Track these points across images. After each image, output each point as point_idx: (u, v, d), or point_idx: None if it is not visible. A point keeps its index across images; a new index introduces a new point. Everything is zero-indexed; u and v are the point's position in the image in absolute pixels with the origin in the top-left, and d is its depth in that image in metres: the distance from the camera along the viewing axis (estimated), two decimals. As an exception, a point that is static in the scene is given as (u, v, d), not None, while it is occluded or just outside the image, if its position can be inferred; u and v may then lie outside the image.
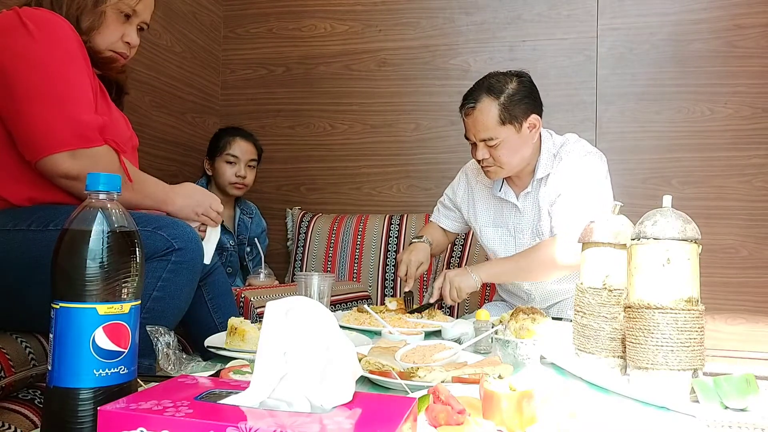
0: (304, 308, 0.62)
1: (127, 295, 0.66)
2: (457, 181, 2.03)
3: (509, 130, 1.68)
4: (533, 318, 1.37)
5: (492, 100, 1.67)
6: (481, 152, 1.72)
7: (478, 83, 1.74)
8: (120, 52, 1.30)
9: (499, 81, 1.70)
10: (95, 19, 1.23)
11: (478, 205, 1.94)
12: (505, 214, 1.88)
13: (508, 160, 1.71)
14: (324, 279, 1.51)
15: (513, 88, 1.68)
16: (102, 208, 0.66)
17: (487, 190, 1.93)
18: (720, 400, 0.84)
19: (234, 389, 0.62)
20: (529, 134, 1.71)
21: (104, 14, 1.24)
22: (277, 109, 2.85)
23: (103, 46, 1.26)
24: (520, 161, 1.74)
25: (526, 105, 1.69)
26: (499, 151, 1.69)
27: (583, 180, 1.70)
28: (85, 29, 1.21)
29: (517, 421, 0.70)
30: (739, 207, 2.38)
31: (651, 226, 0.94)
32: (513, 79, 1.71)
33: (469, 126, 1.72)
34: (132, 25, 1.30)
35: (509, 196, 1.85)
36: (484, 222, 1.93)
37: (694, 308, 0.92)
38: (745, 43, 2.39)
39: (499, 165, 1.72)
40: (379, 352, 1.10)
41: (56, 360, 0.64)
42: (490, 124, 1.67)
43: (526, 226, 1.83)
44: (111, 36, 1.27)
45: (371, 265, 2.48)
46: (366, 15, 2.76)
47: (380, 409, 0.60)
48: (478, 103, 1.68)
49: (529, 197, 1.82)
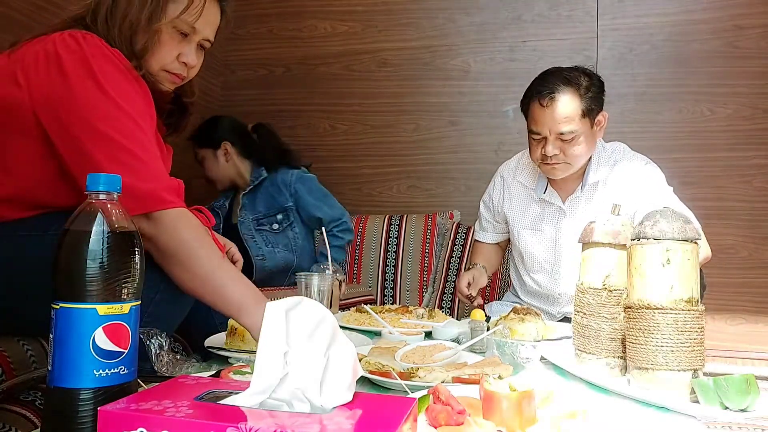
0: (304, 308, 0.62)
1: (127, 296, 0.66)
2: (492, 186, 1.98)
3: (586, 124, 1.63)
4: (522, 318, 1.38)
5: (573, 90, 1.62)
6: (553, 148, 1.64)
7: (548, 74, 1.67)
8: (175, 73, 1.15)
9: (571, 72, 1.65)
10: (149, 39, 1.08)
11: (515, 205, 1.88)
12: (547, 218, 1.82)
13: (580, 156, 1.66)
14: (324, 279, 1.51)
15: (588, 82, 1.64)
16: (102, 209, 0.66)
17: (527, 191, 1.87)
18: (720, 400, 0.84)
19: (234, 389, 0.63)
20: (597, 131, 1.69)
21: (159, 33, 1.10)
22: (277, 109, 2.85)
23: (156, 67, 1.12)
24: (586, 158, 1.70)
25: (600, 100, 1.66)
26: (573, 146, 1.64)
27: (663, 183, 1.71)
28: (138, 51, 1.08)
29: (517, 422, 0.70)
30: (739, 207, 2.38)
31: (651, 227, 0.94)
32: (584, 74, 1.66)
33: (544, 117, 1.63)
34: (191, 43, 1.15)
35: (555, 200, 1.80)
36: (521, 224, 1.87)
37: (694, 308, 0.92)
38: (745, 44, 2.39)
39: (568, 162, 1.66)
40: (379, 352, 1.10)
41: (56, 360, 0.64)
42: (573, 116, 1.61)
43: (571, 231, 1.76)
44: (166, 56, 1.12)
45: (371, 265, 2.48)
46: (366, 15, 2.77)
47: (380, 409, 0.60)
48: (558, 93, 1.61)
49: (578, 202, 1.77)
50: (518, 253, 1.94)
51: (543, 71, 1.72)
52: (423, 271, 2.44)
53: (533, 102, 1.66)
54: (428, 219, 2.53)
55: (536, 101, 1.65)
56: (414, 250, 2.47)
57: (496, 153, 1.85)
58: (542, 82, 1.66)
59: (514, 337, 1.33)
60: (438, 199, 2.67)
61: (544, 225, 1.83)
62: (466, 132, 2.65)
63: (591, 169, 1.74)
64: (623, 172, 1.73)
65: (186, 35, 1.14)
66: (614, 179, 1.74)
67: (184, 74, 1.18)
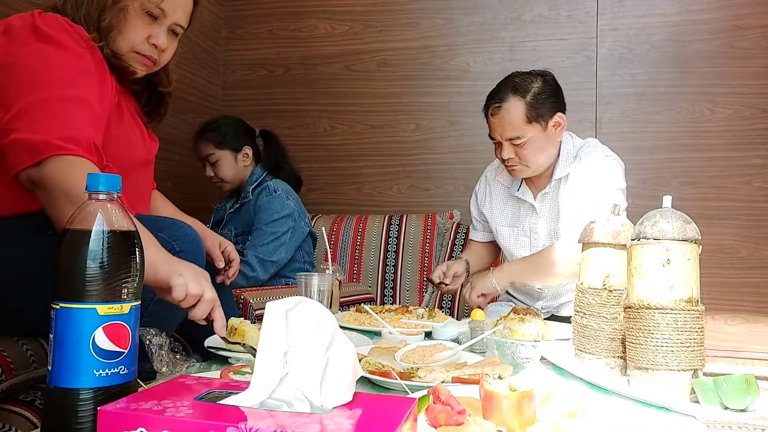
0: (304, 308, 0.62)
1: (127, 296, 0.66)
2: (478, 185, 2.03)
3: (535, 128, 1.69)
4: (522, 318, 1.38)
5: (518, 99, 1.68)
6: (507, 151, 1.72)
7: (502, 83, 1.74)
8: (146, 55, 1.18)
9: (524, 80, 1.71)
10: (115, 17, 1.12)
11: (495, 204, 1.95)
12: (522, 215, 1.88)
13: (534, 158, 1.72)
14: (324, 279, 1.51)
15: (538, 87, 1.70)
16: (102, 209, 0.66)
17: (505, 190, 1.93)
18: (720, 400, 0.84)
19: (234, 389, 0.62)
20: (554, 132, 1.73)
21: (125, 11, 1.13)
22: (277, 109, 2.85)
23: (126, 47, 1.16)
24: (546, 160, 1.75)
25: (552, 103, 1.70)
26: (525, 150, 1.70)
27: (599, 181, 1.70)
28: (104, 28, 1.12)
29: (517, 422, 0.70)
30: (739, 207, 2.38)
31: (651, 227, 0.94)
32: (537, 78, 1.72)
33: (494, 125, 1.72)
34: (161, 26, 1.19)
35: (527, 197, 1.85)
36: (500, 222, 1.93)
37: (694, 308, 0.92)
38: (745, 44, 2.39)
39: (525, 164, 1.73)
40: (379, 352, 1.10)
41: (56, 360, 0.64)
42: (517, 123, 1.68)
43: (542, 228, 1.83)
44: (134, 36, 1.16)
45: (371, 265, 2.48)
46: (366, 15, 2.77)
47: (380, 409, 0.60)
48: (504, 102, 1.69)
49: (546, 198, 1.82)
50: (502, 251, 2.00)
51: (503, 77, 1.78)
52: (423, 271, 2.44)
53: (487, 110, 1.75)
54: (428, 219, 2.53)
55: (487, 110, 1.74)
56: (414, 250, 2.47)
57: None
58: (494, 91, 1.74)
59: (514, 337, 1.33)
60: (438, 199, 2.67)
61: (519, 222, 1.89)
62: (465, 132, 2.65)
63: (558, 165, 1.79)
64: (581, 165, 1.76)
65: (155, 18, 1.17)
66: (573, 175, 1.77)
67: (155, 56, 1.20)
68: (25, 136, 0.96)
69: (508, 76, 1.76)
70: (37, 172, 0.96)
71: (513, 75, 1.75)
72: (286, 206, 2.16)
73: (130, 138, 1.22)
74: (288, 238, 2.15)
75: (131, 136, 1.22)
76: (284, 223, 2.15)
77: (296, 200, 2.22)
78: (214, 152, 2.23)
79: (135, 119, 1.26)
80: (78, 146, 0.98)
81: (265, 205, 2.16)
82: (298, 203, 2.22)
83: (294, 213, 2.17)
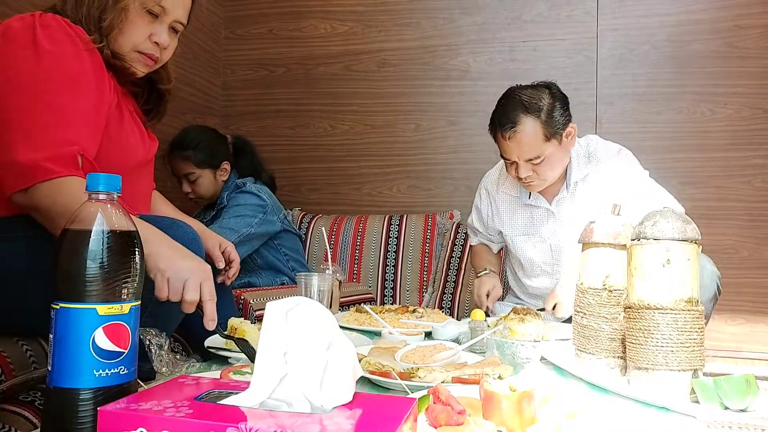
0: (304, 309, 0.62)
1: (127, 296, 0.66)
2: (478, 199, 2.01)
3: (553, 144, 1.67)
4: (522, 318, 1.38)
5: (533, 119, 1.64)
6: (524, 170, 1.69)
7: (508, 102, 1.69)
8: (148, 53, 1.18)
9: (531, 97, 1.66)
10: (116, 16, 1.12)
11: (504, 215, 1.92)
12: (537, 221, 1.86)
13: (553, 172, 1.72)
14: (324, 279, 1.51)
15: (549, 103, 1.66)
16: (102, 209, 0.66)
17: (513, 199, 1.91)
18: (720, 401, 0.84)
19: (234, 389, 0.62)
20: (568, 142, 1.72)
21: (126, 11, 1.13)
22: (277, 109, 2.85)
23: (127, 47, 1.16)
24: (561, 169, 1.75)
25: (564, 116, 1.68)
26: (544, 167, 1.69)
27: (640, 171, 1.76)
28: (105, 28, 1.11)
29: (517, 422, 0.70)
30: (739, 207, 2.38)
31: (651, 227, 0.94)
32: (545, 92, 1.68)
33: (510, 148, 1.68)
34: (162, 24, 1.19)
35: (540, 203, 1.83)
36: (514, 231, 1.90)
37: (694, 308, 0.92)
38: (745, 44, 2.39)
39: (543, 179, 1.72)
40: (379, 352, 1.10)
41: (56, 360, 0.64)
42: (535, 144, 1.65)
43: (564, 232, 1.80)
44: (136, 35, 1.15)
45: (371, 265, 2.48)
46: (366, 16, 2.77)
47: (380, 409, 0.60)
48: (518, 124, 1.64)
49: (564, 202, 1.81)
50: (517, 261, 1.95)
51: (504, 94, 1.74)
52: (423, 271, 2.44)
53: (497, 133, 1.70)
54: (428, 219, 2.53)
55: (499, 134, 1.69)
56: (414, 250, 2.47)
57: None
58: (503, 112, 1.68)
59: (514, 337, 1.33)
60: (438, 199, 2.67)
61: (534, 228, 1.87)
62: (465, 132, 2.64)
63: (572, 168, 1.78)
64: (603, 170, 1.77)
65: (156, 16, 1.17)
66: (594, 177, 1.77)
67: (157, 55, 1.20)
68: (12, 159, 0.97)
69: (511, 94, 1.70)
70: (25, 198, 0.99)
71: (516, 91, 1.70)
72: (259, 198, 2.13)
73: (130, 139, 1.22)
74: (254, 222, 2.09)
75: (131, 137, 1.22)
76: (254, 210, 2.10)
77: (269, 195, 2.20)
78: (194, 171, 2.17)
79: (134, 119, 1.26)
80: (65, 166, 0.99)
81: (235, 197, 2.14)
82: (271, 198, 2.19)
83: (267, 206, 2.14)
